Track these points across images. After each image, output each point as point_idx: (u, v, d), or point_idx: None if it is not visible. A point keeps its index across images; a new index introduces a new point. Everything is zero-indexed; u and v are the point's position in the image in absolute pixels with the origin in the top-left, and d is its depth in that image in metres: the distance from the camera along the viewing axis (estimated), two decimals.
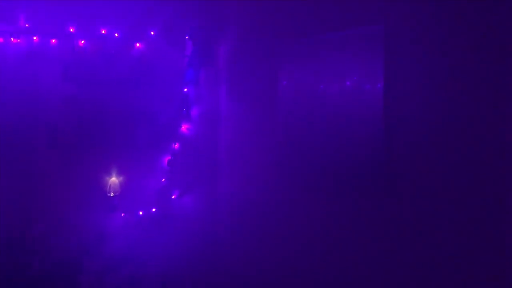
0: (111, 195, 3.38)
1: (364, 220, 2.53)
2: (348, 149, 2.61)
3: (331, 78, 2.71)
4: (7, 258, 3.16)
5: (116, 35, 3.40)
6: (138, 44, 3.45)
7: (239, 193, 3.37)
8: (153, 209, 3.42)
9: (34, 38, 3.33)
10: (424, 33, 2.26)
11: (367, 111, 2.52)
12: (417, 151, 2.29)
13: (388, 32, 2.42)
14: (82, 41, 3.38)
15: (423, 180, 2.26)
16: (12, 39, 3.24)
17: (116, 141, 3.42)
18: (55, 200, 3.36)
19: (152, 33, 3.43)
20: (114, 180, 3.42)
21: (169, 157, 3.44)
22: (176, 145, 3.46)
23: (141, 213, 3.39)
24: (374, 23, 2.49)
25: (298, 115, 2.87)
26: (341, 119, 2.65)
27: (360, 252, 2.54)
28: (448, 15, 2.17)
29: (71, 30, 3.36)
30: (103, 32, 3.41)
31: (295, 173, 2.93)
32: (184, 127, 3.47)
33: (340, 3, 2.66)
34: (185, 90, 3.44)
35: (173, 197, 3.47)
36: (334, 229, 2.70)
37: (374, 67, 2.48)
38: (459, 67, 2.13)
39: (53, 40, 3.37)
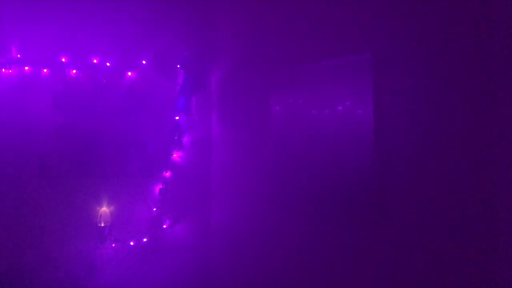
0: (101, 225, 3.31)
1: (358, 248, 2.50)
2: (340, 174, 2.61)
3: (322, 104, 2.73)
4: None
5: (108, 64, 3.41)
6: (129, 73, 3.46)
7: (232, 221, 3.37)
8: (144, 239, 3.37)
9: (26, 68, 3.33)
10: (411, 58, 2.29)
11: (358, 136, 2.53)
12: (409, 175, 2.28)
13: (376, 60, 2.45)
14: (74, 71, 3.39)
15: (416, 206, 2.24)
16: (3, 70, 3.23)
17: (107, 170, 3.38)
18: (44, 231, 3.29)
19: (143, 62, 3.45)
20: (104, 210, 3.37)
21: (161, 186, 3.42)
22: (168, 173, 3.45)
23: (132, 243, 3.33)
24: (361, 52, 2.52)
25: (290, 141, 2.89)
26: (333, 144, 2.66)
27: (358, 281, 2.49)
28: (435, 40, 2.19)
29: (63, 59, 3.36)
30: (95, 61, 3.41)
31: (289, 200, 2.91)
32: (176, 155, 3.47)
33: (329, 32, 2.70)
34: (177, 118, 3.44)
35: (164, 226, 3.43)
36: (329, 257, 2.67)
37: (364, 93, 2.51)
38: (448, 91, 2.13)
39: (45, 70, 3.37)
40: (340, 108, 2.64)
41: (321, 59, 2.74)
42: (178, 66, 3.40)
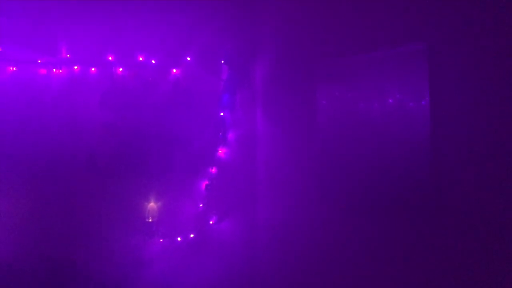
0: (149, 220, 3.34)
1: (410, 247, 2.40)
2: (393, 170, 2.49)
3: (373, 97, 2.62)
4: (48, 285, 3.18)
5: (153, 61, 3.42)
6: (174, 70, 3.46)
7: (279, 218, 3.28)
8: (191, 235, 3.37)
9: (75, 67, 3.40)
10: (471, 48, 2.14)
11: (412, 132, 2.41)
12: (467, 172, 2.14)
13: (432, 50, 2.31)
14: (120, 69, 3.42)
15: (475, 205, 2.10)
16: (54, 69, 3.31)
17: (154, 166, 3.40)
18: (94, 226, 3.36)
19: (188, 58, 3.44)
20: (152, 205, 3.39)
21: (207, 182, 3.40)
22: (213, 170, 3.42)
23: (179, 238, 3.35)
24: (416, 41, 2.39)
25: (339, 135, 2.78)
26: (384, 138, 2.55)
27: (410, 278, 2.39)
28: (497, 28, 2.03)
29: (110, 58, 3.41)
30: (141, 59, 3.44)
31: (337, 197, 2.81)
32: (221, 151, 3.41)
33: (379, 21, 2.59)
34: (221, 114, 3.41)
35: (211, 222, 3.41)
36: (379, 253, 2.57)
37: (419, 85, 2.38)
38: (508, 86, 1.98)
39: (93, 69, 3.42)
40: (391, 101, 2.53)
41: (371, 50, 2.61)
42: (222, 61, 3.36)
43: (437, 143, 2.26)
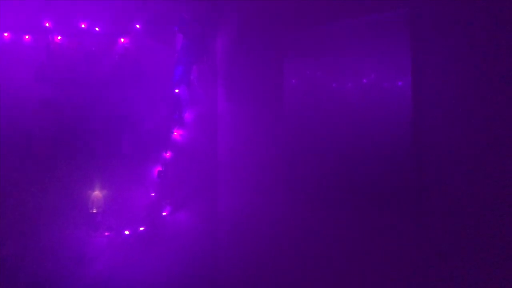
0: (94, 211, 2.94)
1: (387, 240, 2.12)
2: (369, 158, 2.22)
3: (349, 75, 2.33)
4: None
5: (97, 29, 2.98)
6: (122, 40, 3.04)
7: (242, 208, 3.01)
8: (141, 228, 3.00)
9: (5, 34, 2.91)
10: (457, 16, 1.84)
11: (391, 112, 2.13)
12: (452, 158, 1.87)
13: (414, 17, 2.02)
14: (59, 37, 2.96)
15: (459, 194, 1.84)
16: None
17: (99, 150, 3.00)
18: (30, 217, 2.92)
19: (137, 26, 3.03)
20: (97, 194, 2.99)
21: (160, 168, 3.04)
22: (168, 154, 3.07)
23: (127, 232, 2.97)
24: (397, 7, 2.06)
25: (309, 117, 2.54)
26: (360, 122, 2.27)
27: (379, 276, 2.07)
28: None
29: (47, 24, 2.94)
30: (83, 26, 2.99)
31: (307, 184, 2.56)
32: (176, 133, 3.09)
33: None
34: (177, 91, 3.03)
35: (164, 213, 3.05)
36: (348, 249, 2.29)
37: (399, 60, 2.09)
38: (500, 56, 1.69)
39: (27, 37, 2.94)
40: (369, 78, 2.23)
41: (346, 17, 2.31)
42: (176, 29, 2.93)
43: (420, 125, 1.99)
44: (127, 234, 2.97)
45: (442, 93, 1.91)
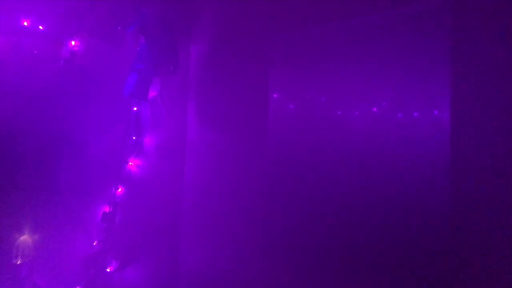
0: (18, 262, 2.33)
1: None
2: (382, 205, 1.87)
3: (353, 95, 2.02)
4: None
5: (41, 27, 2.49)
6: (73, 43, 2.51)
7: (211, 261, 2.59)
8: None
9: None
10: None
11: (417, 146, 1.77)
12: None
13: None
14: None
15: None
16: None
17: (29, 181, 2.41)
18: None
19: (89, 26, 2.52)
20: (25, 239, 2.38)
21: (107, 208, 2.46)
22: (119, 190, 2.54)
23: None
24: None
25: (299, 144, 2.25)
26: (377, 165, 1.92)
27: None
28: None
29: None
30: (25, 24, 2.51)
31: (293, 246, 2.22)
32: (132, 163, 2.58)
33: None
34: (135, 108, 2.54)
35: (108, 269, 2.51)
36: None
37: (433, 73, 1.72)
38: None
39: None
40: (383, 104, 1.90)
41: (351, 15, 1.95)
42: (138, 32, 2.43)
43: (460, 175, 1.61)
44: None
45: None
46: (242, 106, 2.54)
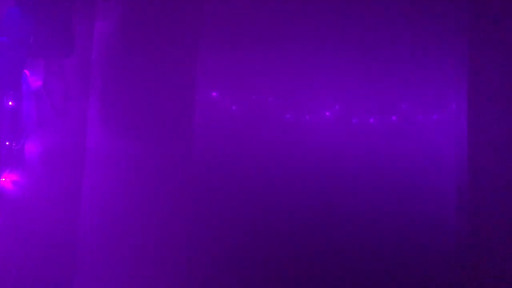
0: None
1: None
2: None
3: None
4: None
5: None
6: None
7: None
8: None
9: None
10: None
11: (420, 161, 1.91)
12: None
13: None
14: None
15: None
16: None
17: None
18: None
19: None
20: None
21: None
22: None
23: None
24: None
25: (238, 157, 2.05)
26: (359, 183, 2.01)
27: None
28: None
29: None
30: None
31: (230, 273, 2.03)
32: (5, 179, 2.11)
33: None
34: (10, 103, 2.06)
35: None
36: None
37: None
38: None
39: None
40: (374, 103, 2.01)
41: None
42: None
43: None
44: None
45: None
46: (162, 104, 2.19)
